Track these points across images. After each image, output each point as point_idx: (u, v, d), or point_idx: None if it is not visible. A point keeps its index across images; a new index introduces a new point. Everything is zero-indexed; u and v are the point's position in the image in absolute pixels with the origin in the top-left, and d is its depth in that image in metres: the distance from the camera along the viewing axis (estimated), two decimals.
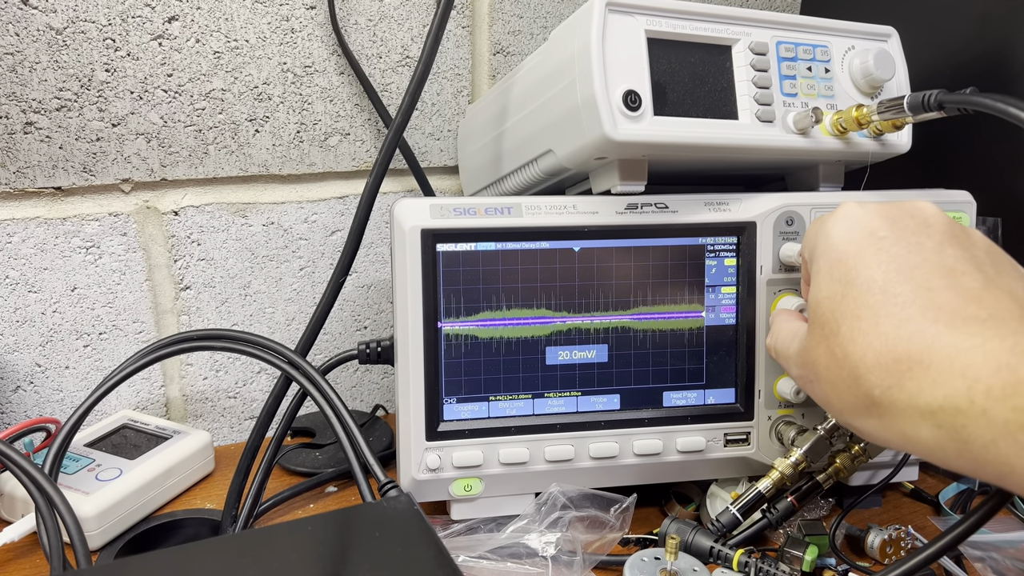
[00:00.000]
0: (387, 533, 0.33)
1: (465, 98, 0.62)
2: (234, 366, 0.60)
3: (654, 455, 0.48)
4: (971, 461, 0.29)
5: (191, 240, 0.57)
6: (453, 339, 0.46)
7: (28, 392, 0.55)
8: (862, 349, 0.33)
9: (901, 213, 0.36)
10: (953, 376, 0.29)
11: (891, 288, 0.33)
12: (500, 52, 0.62)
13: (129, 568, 0.33)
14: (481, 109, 0.58)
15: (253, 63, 0.55)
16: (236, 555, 0.31)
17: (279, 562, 0.31)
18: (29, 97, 0.50)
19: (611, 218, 0.47)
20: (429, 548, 0.32)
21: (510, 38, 0.62)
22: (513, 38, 0.62)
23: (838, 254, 0.36)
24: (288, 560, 0.31)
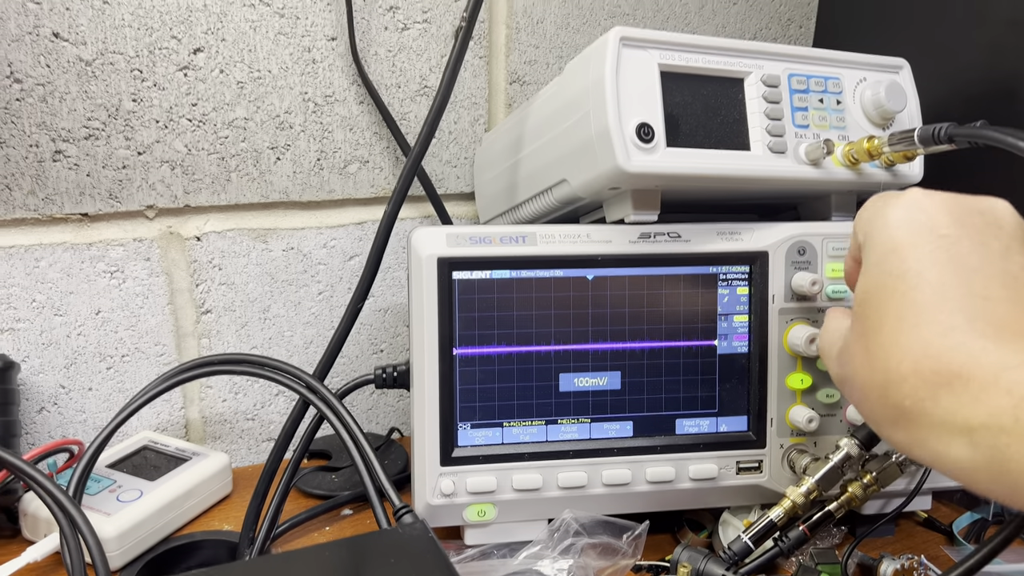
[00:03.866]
0: (402, 560, 0.33)
1: (482, 126, 0.63)
2: (252, 388, 0.61)
3: (666, 482, 0.49)
4: (1008, 485, 0.27)
5: (213, 265, 0.58)
6: (468, 365, 0.47)
7: (52, 413, 0.56)
8: (899, 354, 0.30)
9: (970, 209, 0.33)
10: (998, 394, 0.27)
11: (943, 290, 0.30)
12: (516, 81, 0.63)
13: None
14: (497, 137, 0.59)
15: (275, 93, 0.56)
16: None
17: None
18: (59, 126, 0.52)
19: (624, 247, 0.47)
20: (443, 574, 0.32)
21: (526, 68, 0.63)
22: (529, 68, 0.63)
23: (893, 244, 0.32)
24: None
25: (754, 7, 0.69)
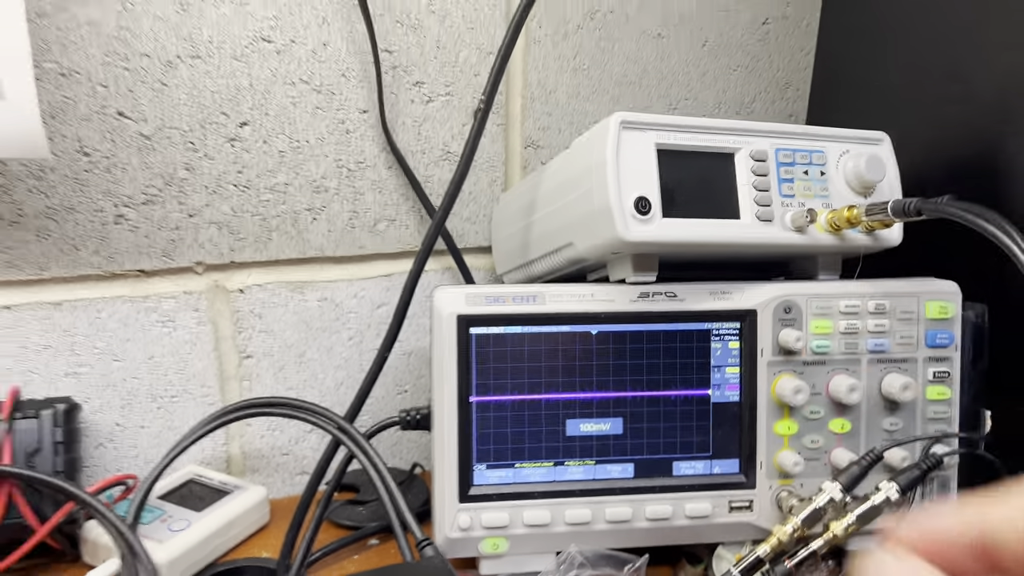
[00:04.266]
0: None
1: (499, 187, 0.69)
2: (288, 426, 0.66)
3: (664, 519, 0.53)
4: None
5: (254, 314, 0.64)
6: (484, 411, 0.52)
7: (108, 449, 0.62)
8: None
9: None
10: None
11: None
12: (531, 146, 0.69)
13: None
14: (512, 199, 0.65)
15: (312, 160, 0.63)
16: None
17: None
18: (120, 193, 0.58)
19: (625, 305, 0.52)
20: None
21: (539, 133, 0.69)
22: (542, 133, 0.69)
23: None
24: None
25: (753, 73, 0.74)
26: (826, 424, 0.54)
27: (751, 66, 0.74)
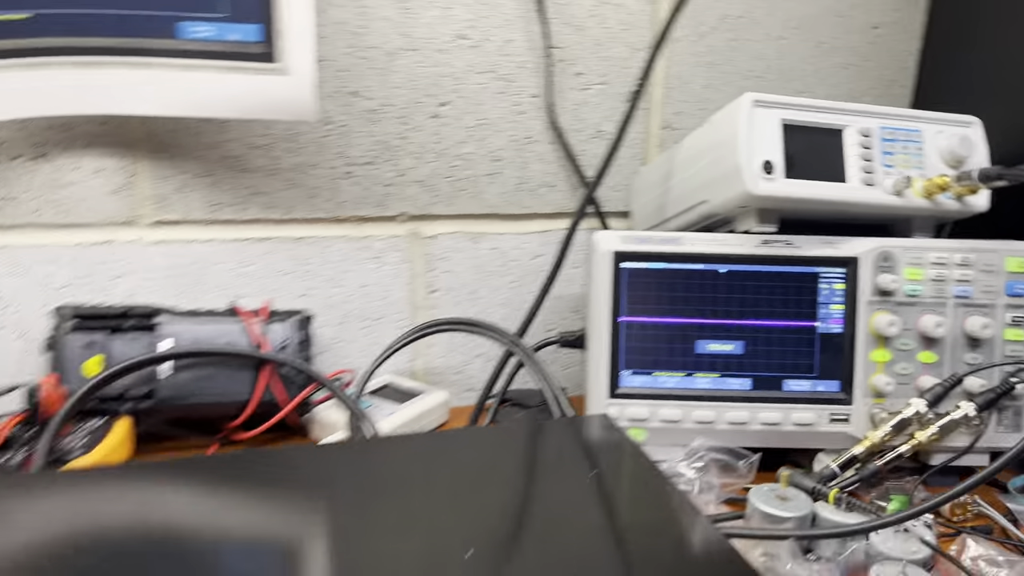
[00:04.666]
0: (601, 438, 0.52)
1: (639, 161, 0.83)
2: (461, 350, 0.82)
3: (775, 424, 0.65)
4: None
5: (440, 257, 0.79)
6: (630, 329, 0.66)
7: (326, 357, 0.79)
8: None
9: None
10: None
11: None
12: (667, 127, 0.82)
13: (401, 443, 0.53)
14: (651, 170, 0.79)
15: (493, 135, 0.78)
16: (483, 440, 0.52)
17: (513, 448, 0.51)
18: (350, 155, 0.75)
19: (749, 250, 0.65)
20: (631, 447, 0.51)
21: (675, 117, 0.82)
22: (677, 117, 0.82)
23: None
24: (519, 447, 0.51)
25: (862, 71, 0.86)
26: (915, 355, 0.65)
27: (861, 65, 0.85)
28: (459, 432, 0.56)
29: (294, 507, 0.40)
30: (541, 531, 0.39)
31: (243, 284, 0.75)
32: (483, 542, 0.37)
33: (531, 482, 0.44)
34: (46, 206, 0.69)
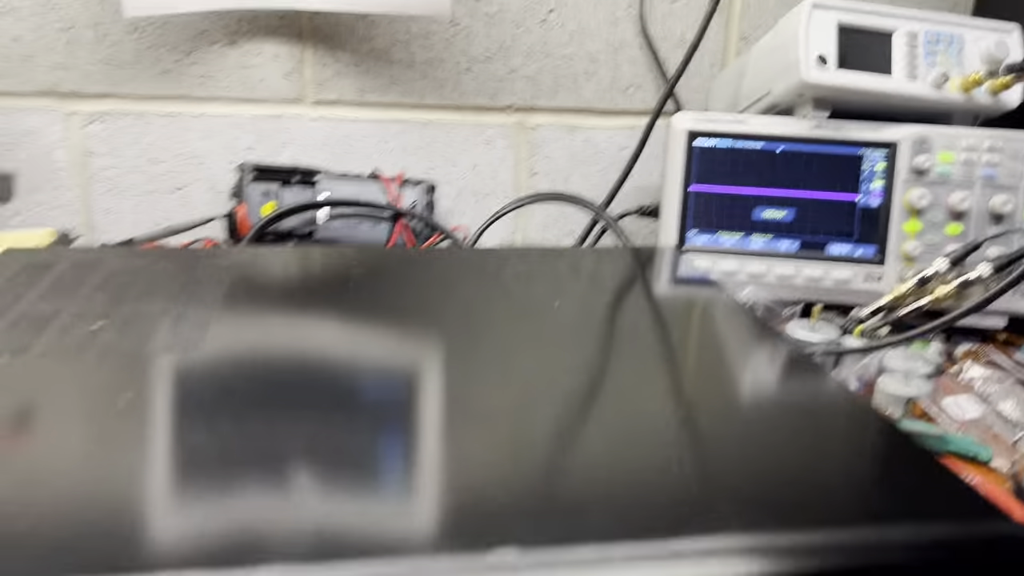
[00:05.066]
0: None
1: (717, 68, 0.95)
2: (555, 227, 0.97)
3: (816, 280, 0.78)
4: None
5: (541, 144, 0.94)
6: (698, 197, 0.79)
7: (443, 222, 0.95)
8: None
9: None
10: None
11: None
12: (744, 39, 0.95)
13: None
14: (727, 72, 0.91)
15: (591, 39, 0.92)
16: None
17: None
18: (471, 52, 0.90)
19: (803, 132, 0.78)
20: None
21: (751, 30, 0.94)
22: (753, 30, 0.94)
23: None
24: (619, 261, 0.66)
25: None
26: (943, 228, 0.77)
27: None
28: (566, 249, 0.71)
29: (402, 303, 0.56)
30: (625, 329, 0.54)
31: (382, 157, 0.92)
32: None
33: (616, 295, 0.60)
34: (234, 83, 0.87)
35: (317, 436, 0.36)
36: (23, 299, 0.50)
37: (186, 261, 0.58)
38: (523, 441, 0.37)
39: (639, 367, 0.45)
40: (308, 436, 0.36)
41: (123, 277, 0.54)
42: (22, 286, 0.52)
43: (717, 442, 0.37)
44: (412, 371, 0.43)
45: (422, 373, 0.43)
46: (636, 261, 0.65)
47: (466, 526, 0.30)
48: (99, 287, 0.52)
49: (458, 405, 0.40)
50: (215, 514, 0.30)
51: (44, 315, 0.48)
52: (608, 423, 0.39)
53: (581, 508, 0.31)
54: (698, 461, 0.35)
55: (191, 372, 0.41)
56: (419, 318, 0.50)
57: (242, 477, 0.32)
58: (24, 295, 0.51)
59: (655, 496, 0.32)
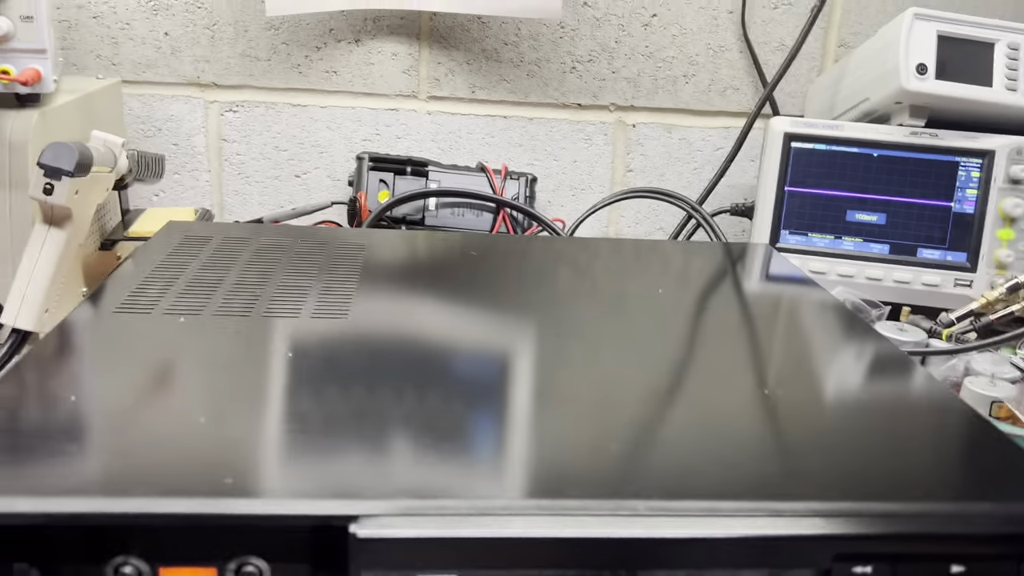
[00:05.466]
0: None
1: (815, 73, 0.98)
2: (646, 223, 1.01)
3: (905, 283, 0.81)
4: None
5: (638, 142, 0.99)
6: (792, 198, 0.82)
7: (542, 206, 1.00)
8: None
9: None
10: None
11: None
12: (843, 45, 0.97)
13: None
14: (825, 78, 0.93)
15: (691, 43, 0.96)
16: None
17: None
18: (576, 53, 0.95)
19: (900, 139, 0.80)
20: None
21: (851, 36, 0.96)
22: (852, 37, 0.96)
23: None
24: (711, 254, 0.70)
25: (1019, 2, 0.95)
26: None
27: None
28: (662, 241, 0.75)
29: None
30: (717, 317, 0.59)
31: (487, 150, 0.98)
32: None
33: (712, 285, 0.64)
34: (356, 78, 0.94)
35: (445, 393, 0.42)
36: (189, 267, 0.58)
37: (323, 240, 0.65)
38: (628, 415, 0.42)
39: (739, 354, 0.49)
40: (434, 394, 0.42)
41: (272, 251, 0.61)
42: (187, 255, 0.60)
43: (806, 422, 0.41)
44: (522, 345, 0.48)
45: (533, 348, 0.48)
46: (730, 256, 0.69)
47: (553, 484, 0.35)
48: (253, 259, 0.59)
49: (560, 379, 0.45)
50: (345, 448, 0.36)
51: (210, 281, 0.55)
52: (707, 402, 0.43)
53: (698, 470, 0.36)
54: (786, 439, 0.40)
55: (339, 337, 0.48)
56: (537, 296, 0.56)
57: (375, 423, 0.38)
58: (189, 264, 0.58)
59: (753, 464, 0.37)
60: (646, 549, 0.32)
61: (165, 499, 0.31)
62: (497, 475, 0.34)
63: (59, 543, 0.33)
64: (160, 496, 0.32)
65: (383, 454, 0.36)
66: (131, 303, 0.50)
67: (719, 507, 0.33)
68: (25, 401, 0.39)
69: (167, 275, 0.55)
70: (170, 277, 0.55)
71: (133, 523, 0.31)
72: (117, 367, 0.43)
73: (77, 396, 0.39)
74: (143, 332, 0.47)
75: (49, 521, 0.31)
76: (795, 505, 0.33)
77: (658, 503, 0.33)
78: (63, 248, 0.61)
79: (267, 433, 0.37)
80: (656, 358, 0.48)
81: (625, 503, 0.33)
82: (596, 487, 0.34)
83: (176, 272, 0.56)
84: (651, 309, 0.56)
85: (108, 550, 0.33)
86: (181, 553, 0.33)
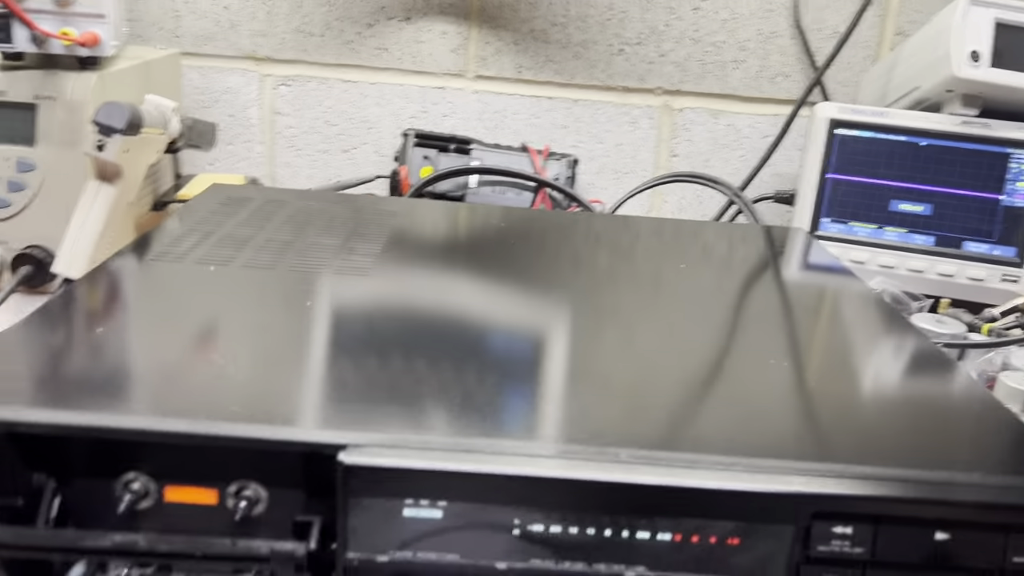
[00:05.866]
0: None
1: (870, 62, 0.96)
2: (689, 209, 1.01)
3: (949, 276, 0.78)
4: None
5: (683, 127, 0.98)
6: (834, 185, 0.81)
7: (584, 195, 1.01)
8: None
9: None
10: None
11: None
12: (900, 34, 0.94)
13: None
14: (879, 66, 0.91)
15: (742, 28, 0.95)
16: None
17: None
18: (624, 35, 0.95)
19: (950, 128, 0.78)
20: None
21: (908, 25, 0.94)
22: (910, 25, 0.94)
23: None
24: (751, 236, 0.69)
25: None
26: None
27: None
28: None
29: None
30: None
31: (532, 130, 0.98)
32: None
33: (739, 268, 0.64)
34: (406, 56, 0.96)
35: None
36: (226, 224, 0.60)
37: (358, 206, 0.67)
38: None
39: (752, 327, 0.49)
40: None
41: (306, 214, 0.63)
42: (225, 214, 0.62)
43: (806, 390, 0.41)
44: (529, 305, 0.49)
45: (538, 308, 0.49)
46: (767, 239, 0.68)
47: (539, 430, 0.36)
48: (287, 220, 0.62)
49: (557, 338, 0.46)
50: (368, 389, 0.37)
51: (243, 237, 0.57)
52: (711, 367, 0.43)
53: (687, 426, 0.37)
54: (783, 405, 0.40)
55: (358, 291, 0.49)
56: (555, 262, 0.57)
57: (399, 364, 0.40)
58: (226, 222, 0.61)
59: (742, 424, 0.37)
60: (625, 494, 0.32)
61: (171, 419, 0.33)
62: (485, 418, 0.36)
63: (74, 456, 0.35)
64: (167, 416, 0.34)
65: (384, 393, 0.37)
66: (166, 252, 0.53)
67: (700, 459, 0.33)
68: (56, 329, 0.41)
69: (204, 230, 0.58)
70: (206, 232, 0.57)
71: (141, 439, 0.33)
72: (145, 306, 0.45)
73: (104, 328, 0.41)
74: (173, 278, 0.49)
75: (64, 432, 0.33)
76: (774, 462, 0.33)
77: (640, 452, 0.33)
78: (113, 203, 0.64)
79: (275, 370, 0.39)
80: (665, 325, 0.48)
81: (607, 450, 0.33)
82: (580, 433, 0.35)
83: (213, 228, 0.59)
84: (670, 282, 0.56)
85: (118, 466, 0.35)
86: (185, 473, 0.35)
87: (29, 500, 0.34)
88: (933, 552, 0.33)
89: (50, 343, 0.40)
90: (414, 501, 0.33)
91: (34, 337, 0.40)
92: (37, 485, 0.35)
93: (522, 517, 0.33)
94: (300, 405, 0.36)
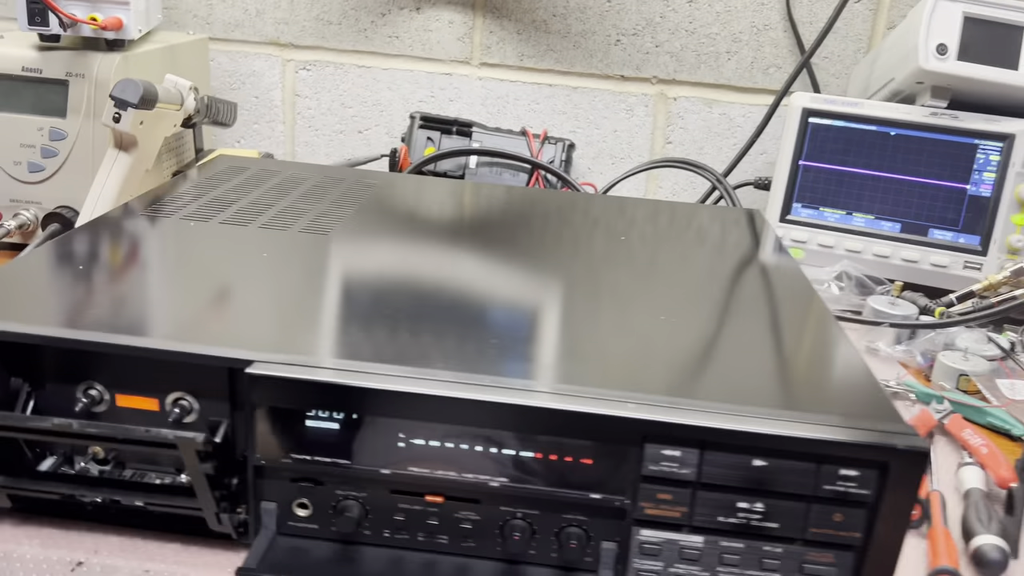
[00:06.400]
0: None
1: (861, 54, 0.98)
2: (683, 195, 1.05)
3: (913, 262, 0.81)
4: None
5: (678, 116, 1.02)
6: (806, 172, 0.84)
7: (580, 179, 1.06)
8: None
9: None
10: None
11: None
12: (891, 27, 0.96)
13: None
14: (866, 60, 0.94)
15: (736, 20, 0.98)
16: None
17: None
18: (621, 26, 1.00)
19: (919, 118, 0.80)
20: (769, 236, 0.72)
21: (899, 19, 0.96)
22: (900, 19, 0.96)
23: None
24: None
25: None
26: None
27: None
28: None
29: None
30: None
31: (532, 116, 1.04)
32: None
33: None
34: (416, 44, 1.03)
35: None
36: (218, 188, 0.68)
37: (339, 177, 0.74)
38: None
39: (664, 288, 0.54)
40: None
41: (294, 183, 0.70)
42: (221, 180, 0.70)
43: (677, 342, 0.46)
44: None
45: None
46: (723, 219, 0.73)
47: (424, 359, 0.42)
48: (274, 187, 0.69)
49: (474, 280, 0.52)
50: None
51: (229, 200, 0.65)
52: (605, 318, 0.49)
53: (552, 365, 0.42)
54: (651, 351, 0.45)
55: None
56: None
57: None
58: (220, 186, 0.68)
59: (601, 365, 0.43)
60: (492, 412, 0.38)
61: (118, 335, 0.41)
62: (377, 346, 0.42)
63: (45, 365, 0.43)
64: (115, 333, 0.41)
65: (304, 323, 0.44)
66: (158, 209, 0.60)
67: (562, 388, 0.39)
68: (45, 266, 0.49)
69: (198, 192, 0.66)
70: (198, 194, 0.65)
71: (96, 350, 0.40)
72: (127, 252, 0.53)
73: (84, 266, 0.49)
74: (157, 230, 0.57)
75: (35, 341, 0.41)
76: (618, 392, 0.39)
77: (505, 379, 0.39)
78: (128, 170, 0.72)
79: (217, 303, 0.46)
80: (594, 286, 0.54)
81: (486, 377, 0.39)
82: (460, 365, 0.41)
83: (206, 191, 0.66)
84: (612, 251, 0.61)
85: (79, 374, 0.42)
86: (131, 383, 0.42)
87: (7, 400, 0.42)
88: (753, 477, 0.38)
89: (36, 276, 0.48)
90: (315, 411, 0.39)
91: (27, 271, 0.48)
92: (14, 388, 0.42)
93: (406, 431, 0.39)
94: (228, 330, 0.43)
